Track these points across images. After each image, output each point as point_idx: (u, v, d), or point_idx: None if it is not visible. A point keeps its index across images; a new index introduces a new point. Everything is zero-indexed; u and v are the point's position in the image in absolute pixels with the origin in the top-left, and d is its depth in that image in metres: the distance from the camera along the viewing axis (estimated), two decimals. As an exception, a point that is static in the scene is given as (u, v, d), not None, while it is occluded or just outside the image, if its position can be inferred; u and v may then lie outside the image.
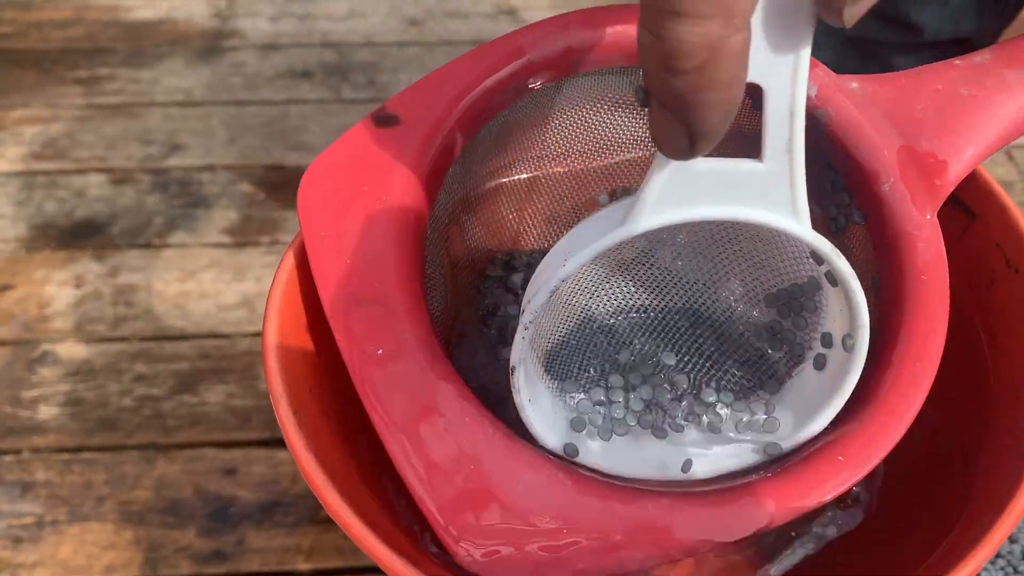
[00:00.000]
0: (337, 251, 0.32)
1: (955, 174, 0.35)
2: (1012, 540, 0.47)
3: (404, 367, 0.30)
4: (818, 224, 0.34)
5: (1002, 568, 0.46)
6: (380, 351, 0.30)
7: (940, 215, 0.35)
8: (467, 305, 0.38)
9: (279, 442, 0.65)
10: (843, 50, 0.69)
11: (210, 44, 0.99)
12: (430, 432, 0.29)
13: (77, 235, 0.79)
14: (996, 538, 0.32)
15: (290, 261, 0.36)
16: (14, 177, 0.84)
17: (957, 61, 0.35)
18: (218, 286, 0.76)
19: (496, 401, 0.33)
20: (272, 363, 0.34)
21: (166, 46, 0.98)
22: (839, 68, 0.35)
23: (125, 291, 0.75)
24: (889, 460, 0.33)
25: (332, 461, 0.33)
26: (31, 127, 0.89)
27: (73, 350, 0.71)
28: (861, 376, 0.33)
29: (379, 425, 0.30)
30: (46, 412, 0.67)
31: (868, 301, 0.32)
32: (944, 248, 0.34)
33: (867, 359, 0.32)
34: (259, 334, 0.70)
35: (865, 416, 0.33)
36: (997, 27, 0.68)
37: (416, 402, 0.30)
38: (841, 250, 0.31)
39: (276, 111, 0.91)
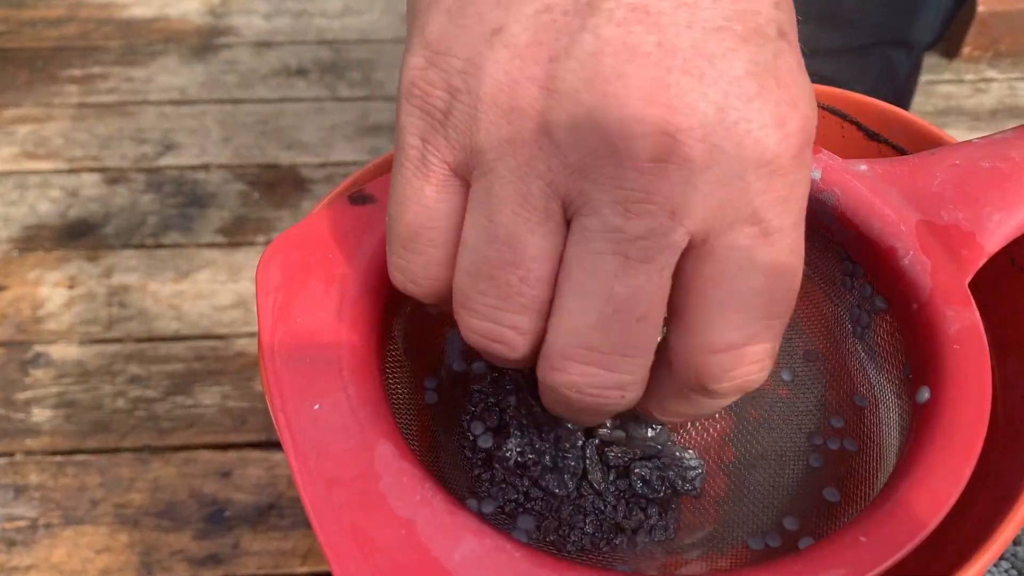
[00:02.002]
0: (287, 309, 0.30)
1: (986, 243, 0.33)
2: (1016, 543, 0.46)
3: (342, 423, 0.27)
4: (842, 331, 0.33)
5: (1006, 571, 0.45)
6: (317, 406, 0.28)
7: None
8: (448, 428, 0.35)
9: (275, 444, 0.64)
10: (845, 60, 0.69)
11: (204, 42, 0.98)
12: (361, 491, 0.26)
13: (71, 235, 0.79)
14: (1000, 540, 0.31)
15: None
16: (7, 177, 0.83)
17: (975, 139, 0.34)
18: (213, 286, 0.75)
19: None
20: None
21: (160, 44, 0.97)
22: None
23: (119, 292, 0.74)
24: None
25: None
26: (24, 126, 0.88)
27: (66, 351, 0.70)
28: (898, 455, 0.30)
29: (302, 485, 0.27)
30: (39, 414, 0.66)
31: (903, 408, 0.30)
32: (979, 318, 0.32)
33: (907, 435, 0.30)
34: (255, 335, 0.69)
35: (903, 495, 0.29)
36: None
37: (351, 460, 0.27)
38: (871, 349, 0.29)
39: (271, 109, 0.91)
